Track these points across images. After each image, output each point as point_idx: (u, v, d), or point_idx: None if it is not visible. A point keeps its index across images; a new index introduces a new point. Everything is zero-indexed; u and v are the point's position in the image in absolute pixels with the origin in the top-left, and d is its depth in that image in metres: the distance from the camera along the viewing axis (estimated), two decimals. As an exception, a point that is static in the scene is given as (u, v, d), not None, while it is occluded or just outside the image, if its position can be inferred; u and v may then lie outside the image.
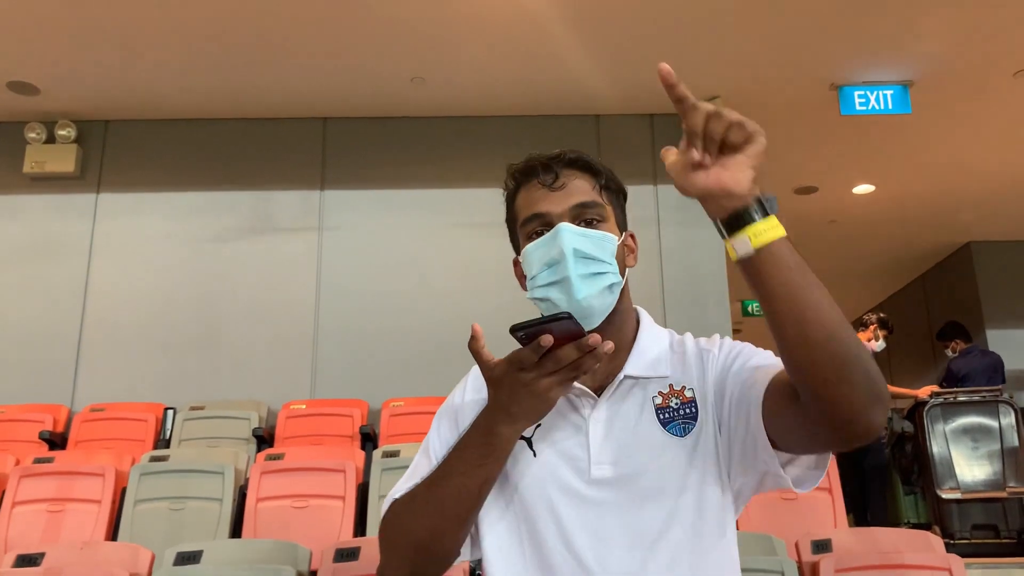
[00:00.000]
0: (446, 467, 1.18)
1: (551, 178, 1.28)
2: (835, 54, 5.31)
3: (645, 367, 1.28)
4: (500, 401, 1.11)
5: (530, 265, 1.26)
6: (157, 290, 5.73)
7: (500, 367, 1.09)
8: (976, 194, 7.29)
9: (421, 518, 1.19)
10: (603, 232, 1.26)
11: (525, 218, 1.29)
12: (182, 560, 2.84)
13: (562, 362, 1.05)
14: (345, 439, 4.82)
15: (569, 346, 1.04)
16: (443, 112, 5.93)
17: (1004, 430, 5.60)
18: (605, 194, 1.30)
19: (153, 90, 5.67)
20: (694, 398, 1.25)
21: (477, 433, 1.15)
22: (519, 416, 1.11)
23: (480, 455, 1.14)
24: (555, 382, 1.07)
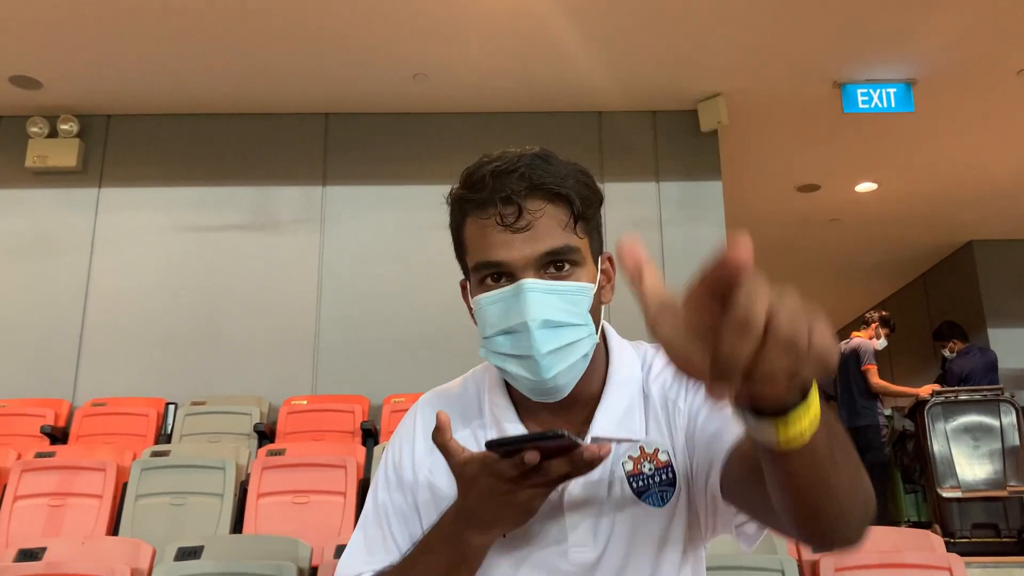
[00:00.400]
0: (410, 570, 1.02)
1: (512, 214, 0.99)
2: (838, 52, 5.30)
3: (614, 426, 1.08)
4: (470, 506, 0.94)
5: (484, 322, 1.03)
6: (159, 285, 5.73)
7: (472, 466, 0.91)
8: (979, 193, 7.28)
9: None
10: (578, 284, 1.01)
11: (478, 263, 1.03)
12: (183, 555, 2.85)
13: (550, 475, 0.89)
14: (346, 435, 4.82)
15: (560, 461, 0.89)
16: (445, 108, 5.92)
17: (1005, 429, 5.60)
18: (580, 226, 1.03)
19: (155, 85, 5.67)
20: (669, 462, 1.06)
21: (444, 540, 0.98)
22: (493, 524, 0.95)
23: (448, 564, 0.98)
24: (539, 492, 0.92)
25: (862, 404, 6.29)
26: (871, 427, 6.26)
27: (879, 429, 6.27)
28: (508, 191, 1.00)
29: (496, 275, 1.02)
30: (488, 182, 1.01)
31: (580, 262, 1.03)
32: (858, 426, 6.29)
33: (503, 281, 1.01)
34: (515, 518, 0.94)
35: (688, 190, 5.96)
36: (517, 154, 1.03)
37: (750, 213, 7.42)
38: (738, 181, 6.52)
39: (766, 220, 7.87)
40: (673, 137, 6.00)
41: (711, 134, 5.97)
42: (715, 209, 5.93)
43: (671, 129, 6.01)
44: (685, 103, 5.89)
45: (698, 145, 5.99)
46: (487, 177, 1.02)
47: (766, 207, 7.58)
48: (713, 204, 5.94)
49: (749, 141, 6.30)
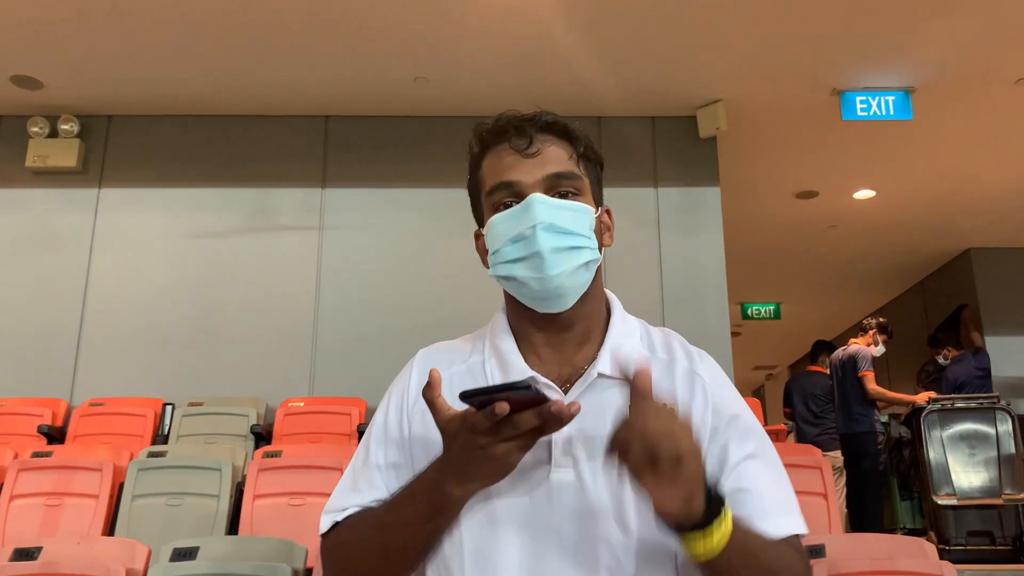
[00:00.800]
0: (395, 514, 1.06)
1: (524, 143, 1.14)
2: (837, 59, 5.32)
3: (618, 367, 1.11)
4: (452, 459, 0.99)
5: (494, 238, 1.13)
6: (158, 286, 5.74)
7: (455, 422, 0.96)
8: (976, 201, 7.30)
9: (366, 560, 1.08)
10: (579, 203, 1.13)
11: (492, 186, 1.15)
12: (178, 556, 2.85)
13: (521, 428, 0.93)
14: (343, 437, 4.83)
15: (529, 413, 0.92)
16: (445, 112, 5.93)
17: (1001, 437, 5.61)
18: (583, 164, 1.17)
19: (156, 85, 5.68)
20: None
21: (427, 489, 1.02)
22: (473, 477, 0.99)
23: (429, 511, 1.02)
24: (514, 447, 0.95)
25: (858, 411, 6.29)
26: (867, 434, 6.27)
27: (876, 436, 6.28)
28: (522, 124, 1.15)
29: (507, 201, 1.13)
30: (504, 120, 1.17)
31: (582, 191, 1.15)
32: (854, 432, 6.30)
33: (514, 204, 1.12)
34: (492, 473, 0.99)
35: (687, 196, 5.97)
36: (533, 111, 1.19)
37: (748, 219, 7.44)
38: (736, 187, 6.53)
39: (764, 226, 7.88)
40: (672, 143, 6.01)
41: (710, 140, 5.98)
42: (713, 215, 5.94)
43: (670, 135, 6.02)
44: (684, 109, 5.91)
45: (697, 151, 6.00)
46: (503, 117, 1.18)
47: (764, 213, 7.60)
48: (711, 210, 5.96)
49: (748, 147, 6.32)
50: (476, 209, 1.22)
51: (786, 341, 12.93)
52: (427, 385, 0.99)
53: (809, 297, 10.50)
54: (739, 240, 7.02)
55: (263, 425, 4.89)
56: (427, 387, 0.99)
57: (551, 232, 1.09)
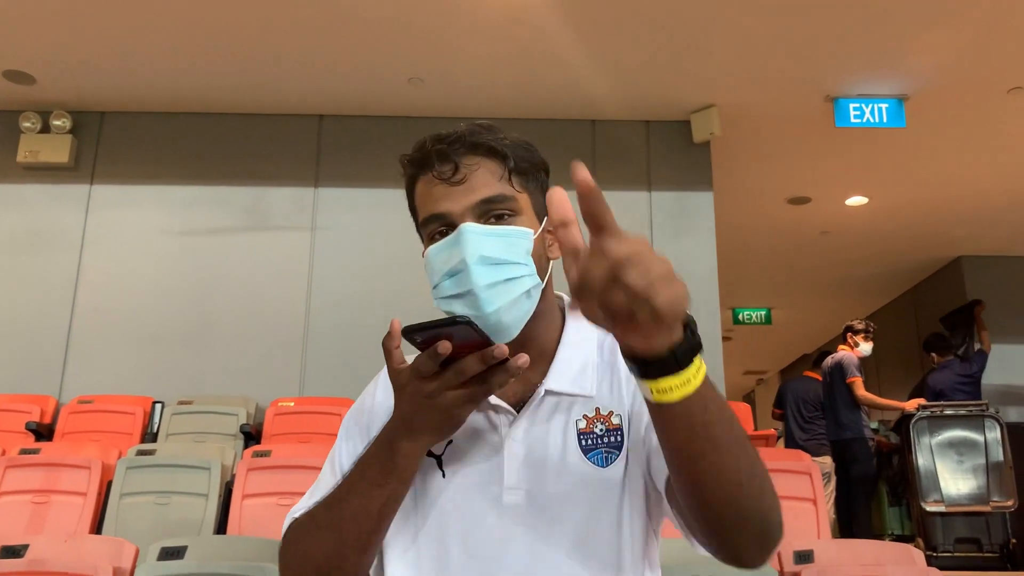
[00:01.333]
0: (346, 486, 1.04)
1: (449, 170, 1.09)
2: (831, 66, 5.33)
3: (568, 382, 1.11)
4: (402, 412, 0.99)
5: (432, 272, 1.10)
6: (148, 283, 5.72)
7: (405, 374, 0.97)
8: (968, 209, 7.33)
9: (319, 542, 1.05)
10: (515, 227, 1.08)
11: (424, 218, 1.12)
12: (166, 555, 2.83)
13: (465, 374, 0.92)
14: (333, 438, 4.78)
15: (473, 357, 0.92)
16: (440, 113, 5.93)
17: (989, 444, 5.64)
18: (516, 180, 1.11)
19: (149, 82, 5.67)
20: (620, 425, 1.09)
21: (379, 448, 1.02)
22: (421, 430, 0.98)
23: (381, 473, 1.01)
24: (461, 398, 0.95)
25: (847, 417, 6.30)
26: (857, 440, 6.27)
27: (866, 442, 6.29)
28: (445, 150, 1.10)
29: (442, 230, 1.09)
30: (428, 145, 1.12)
31: (517, 212, 1.10)
32: (843, 439, 6.31)
33: (447, 232, 1.09)
34: (440, 425, 0.98)
35: (680, 200, 5.98)
36: (461, 127, 1.13)
37: (741, 224, 7.46)
38: (729, 192, 6.54)
39: (757, 232, 7.90)
40: (666, 147, 6.02)
41: (703, 145, 5.99)
42: (706, 220, 5.95)
43: (664, 139, 6.03)
44: (678, 114, 5.92)
45: (690, 156, 6.02)
46: (428, 142, 1.13)
47: (757, 219, 7.62)
48: (704, 215, 5.97)
49: (741, 153, 6.34)
50: (418, 231, 1.18)
51: (777, 347, 12.97)
52: (387, 335, 0.99)
53: (800, 303, 10.53)
54: (731, 245, 7.03)
55: (253, 425, 4.88)
56: (387, 336, 0.99)
57: (484, 265, 1.04)
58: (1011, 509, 5.46)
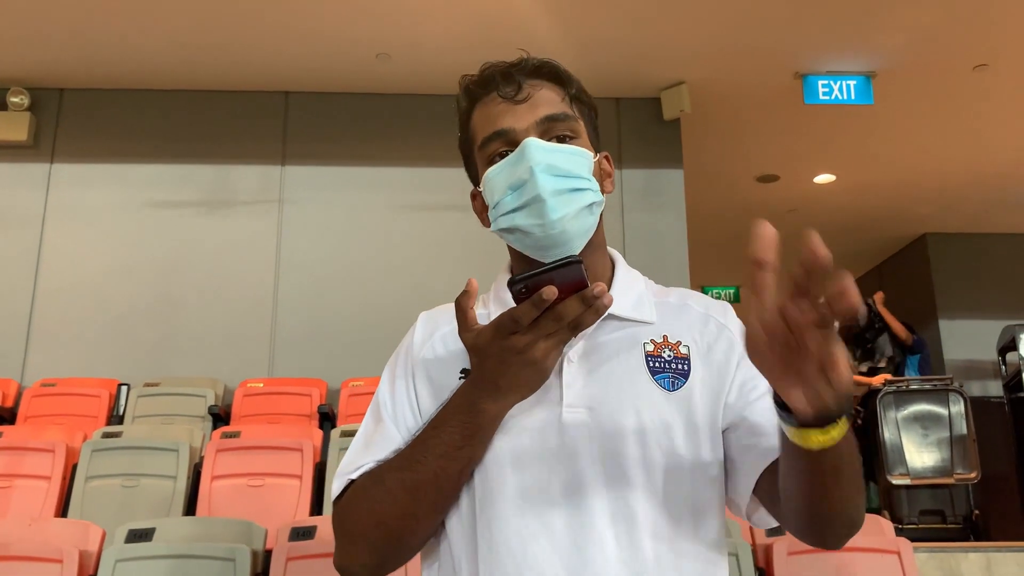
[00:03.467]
0: (421, 448, 1.00)
1: (512, 90, 1.10)
2: (800, 43, 5.34)
3: (629, 308, 1.10)
4: (486, 373, 0.95)
5: (492, 191, 1.08)
6: (112, 263, 5.61)
7: (486, 333, 0.93)
8: (934, 187, 7.41)
9: (392, 505, 1.01)
10: (577, 147, 1.08)
11: (484, 138, 1.10)
12: (134, 537, 2.79)
13: (563, 319, 0.89)
14: (303, 418, 4.78)
15: (573, 299, 0.88)
16: (408, 89, 5.87)
17: (953, 418, 5.73)
18: (576, 106, 1.12)
19: (110, 58, 5.54)
20: (689, 355, 1.08)
21: (457, 411, 0.98)
22: (509, 390, 0.95)
23: (463, 436, 0.98)
24: (552, 345, 0.91)
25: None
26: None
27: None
28: (509, 70, 1.12)
29: (502, 151, 1.08)
30: (489, 69, 1.14)
31: (577, 134, 1.10)
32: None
33: (509, 152, 1.07)
34: (531, 379, 0.95)
35: (650, 178, 5.98)
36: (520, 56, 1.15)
37: (710, 202, 7.48)
38: (699, 170, 6.56)
39: (725, 210, 7.93)
40: (636, 124, 6.01)
41: (674, 122, 5.99)
42: (676, 197, 5.96)
43: (634, 116, 6.02)
44: (648, 91, 5.90)
45: (660, 133, 6.01)
46: (490, 67, 1.14)
47: (725, 197, 7.65)
48: (674, 192, 5.98)
49: (711, 130, 6.34)
50: (470, 168, 1.17)
51: (745, 324, 13.04)
52: (464, 293, 0.95)
53: (768, 281, 10.60)
54: (700, 223, 7.05)
55: (221, 406, 4.82)
56: (463, 294, 0.95)
57: (550, 174, 1.03)
58: (974, 481, 5.57)
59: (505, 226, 1.07)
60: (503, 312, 0.91)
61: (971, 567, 3.76)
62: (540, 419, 1.02)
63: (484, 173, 1.09)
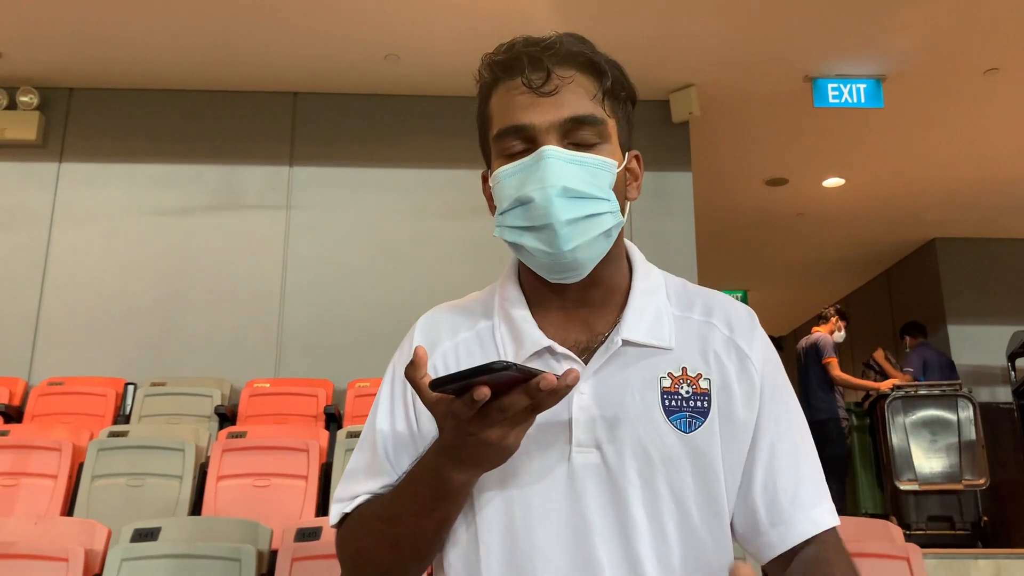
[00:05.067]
0: (400, 501, 0.97)
1: (540, 78, 0.97)
2: (810, 46, 5.32)
3: (645, 331, 1.01)
4: (447, 444, 0.89)
5: (501, 195, 0.99)
6: (120, 263, 5.62)
7: (440, 407, 0.86)
8: (943, 191, 7.37)
9: (377, 551, 1.00)
10: (601, 158, 0.98)
11: (501, 129, 0.99)
12: (139, 537, 2.79)
13: (509, 411, 0.82)
14: (309, 419, 4.77)
15: (517, 394, 0.82)
16: (417, 91, 5.86)
17: (962, 424, 5.70)
18: (609, 103, 1.01)
19: (120, 58, 5.55)
20: (708, 390, 1.00)
21: (426, 473, 0.93)
22: (473, 464, 0.89)
23: (432, 499, 0.93)
24: (508, 428, 0.84)
25: (821, 397, 6.35)
26: (830, 420, 6.33)
27: (840, 422, 6.34)
28: (538, 54, 0.98)
29: (518, 148, 0.98)
30: (518, 47, 1.00)
31: (605, 138, 0.99)
32: (818, 419, 6.37)
33: (527, 152, 0.97)
34: (491, 457, 0.88)
35: (658, 180, 5.96)
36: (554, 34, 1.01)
37: (718, 205, 7.46)
38: (707, 173, 6.54)
39: (733, 213, 7.91)
40: (645, 127, 5.99)
41: (682, 125, 5.97)
42: (685, 200, 5.94)
43: (643, 118, 5.99)
44: (658, 93, 5.89)
45: (669, 135, 5.99)
46: (518, 44, 1.00)
47: (734, 200, 7.62)
48: (683, 195, 5.96)
49: (719, 133, 6.32)
50: (484, 147, 1.06)
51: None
52: (410, 365, 0.86)
53: (776, 284, 10.58)
54: (708, 226, 7.04)
55: (227, 406, 4.82)
56: (410, 367, 0.86)
57: (565, 197, 0.94)
58: (983, 487, 5.54)
59: (510, 239, 0.99)
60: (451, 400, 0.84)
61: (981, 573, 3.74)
62: (547, 458, 0.97)
63: (496, 169, 1.00)
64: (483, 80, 1.04)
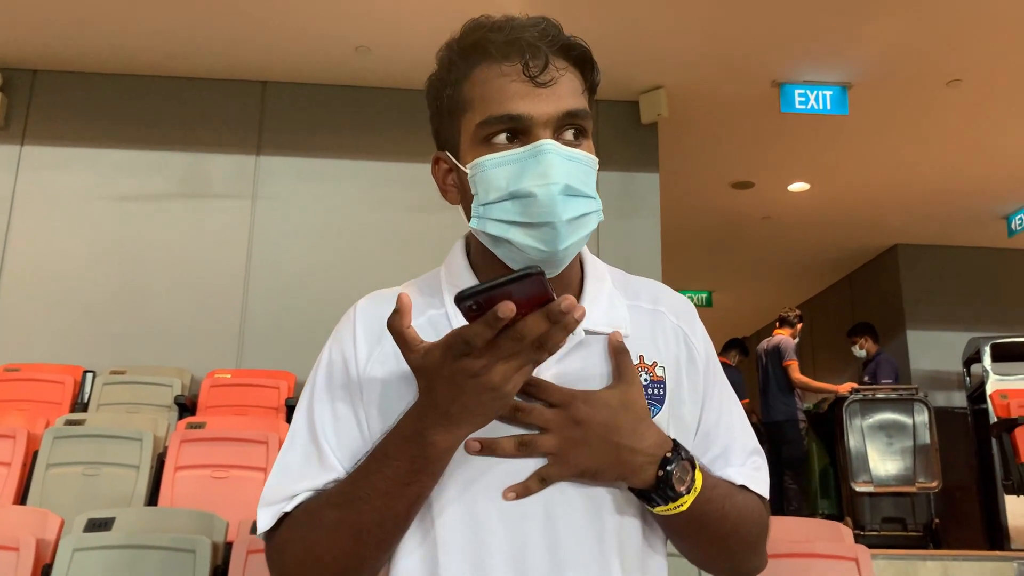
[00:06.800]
0: (364, 483, 0.89)
1: (538, 67, 0.92)
2: (779, 51, 5.38)
3: (603, 318, 1.00)
4: (436, 399, 0.83)
5: (487, 185, 0.93)
6: (81, 249, 5.54)
7: (434, 354, 0.81)
8: (905, 198, 7.49)
9: (332, 547, 0.90)
10: (589, 155, 0.95)
11: (491, 116, 0.92)
12: (93, 527, 2.76)
13: (525, 339, 0.77)
14: (271, 411, 4.75)
15: (535, 315, 0.76)
16: (387, 83, 5.84)
17: (917, 427, 5.80)
18: (589, 98, 0.99)
19: (86, 41, 5.46)
20: (664, 378, 1.00)
21: (404, 442, 0.87)
22: (462, 419, 0.83)
23: (409, 471, 0.86)
24: (514, 368, 0.79)
25: (781, 399, 6.44)
26: (789, 422, 6.42)
27: (798, 424, 6.44)
28: (536, 42, 0.93)
29: (505, 136, 0.93)
30: (515, 31, 0.93)
31: (587, 135, 0.97)
32: (775, 421, 6.46)
33: (515, 142, 0.93)
34: (488, 407, 0.83)
35: (626, 181, 6.00)
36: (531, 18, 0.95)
37: (684, 207, 7.52)
38: (674, 175, 6.59)
39: (699, 214, 7.98)
40: (614, 127, 6.02)
41: (651, 126, 6.01)
42: (651, 201, 5.98)
43: (612, 119, 6.03)
44: (627, 94, 5.92)
45: (638, 137, 6.03)
46: (507, 25, 0.94)
47: (700, 202, 7.69)
48: (650, 196, 6.00)
49: (687, 135, 6.37)
50: (443, 126, 1.01)
51: (718, 329, 13.12)
52: (395, 313, 0.81)
53: (741, 286, 10.69)
54: (674, 227, 7.09)
55: (188, 396, 4.78)
56: (395, 315, 0.81)
57: (567, 196, 0.91)
58: (935, 490, 5.65)
59: (495, 233, 0.93)
60: (453, 331, 0.79)
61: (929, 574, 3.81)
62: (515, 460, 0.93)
63: (477, 155, 0.94)
64: (458, 48, 0.98)
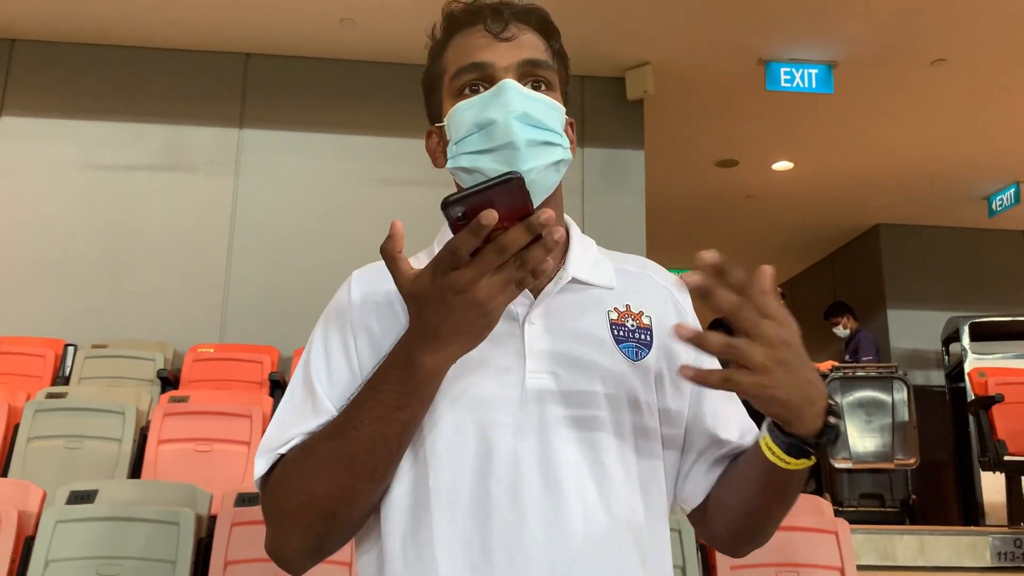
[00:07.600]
0: (355, 412, 0.91)
1: (499, 26, 1.04)
2: (765, 29, 5.38)
3: (589, 271, 1.07)
4: (425, 321, 0.86)
5: (458, 126, 1.02)
6: (61, 221, 5.49)
7: (423, 277, 0.84)
8: (888, 178, 7.53)
9: (326, 479, 0.92)
10: (552, 100, 1.04)
11: (459, 68, 1.04)
12: (75, 499, 2.75)
13: (508, 251, 0.80)
14: (254, 385, 4.74)
15: (517, 227, 0.80)
16: (372, 57, 5.79)
17: (896, 405, 5.86)
18: (556, 61, 1.09)
19: (66, 10, 5.38)
20: (650, 326, 1.06)
21: (394, 367, 0.89)
22: (451, 338, 0.86)
23: (400, 395, 0.88)
24: (499, 284, 0.82)
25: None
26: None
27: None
28: (499, 7, 1.06)
29: (475, 86, 1.03)
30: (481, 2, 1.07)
31: (553, 87, 1.07)
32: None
33: (483, 91, 1.03)
34: (475, 324, 0.85)
35: (611, 158, 5.99)
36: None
37: (669, 185, 7.52)
38: (659, 152, 6.58)
39: (684, 193, 7.99)
40: (600, 104, 6.00)
41: (637, 103, 6.00)
42: (636, 179, 5.98)
43: (598, 95, 6.01)
44: (613, 70, 5.90)
45: (624, 113, 6.02)
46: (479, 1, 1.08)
47: (684, 180, 7.69)
48: (635, 173, 5.99)
49: (673, 113, 6.37)
50: (431, 102, 1.11)
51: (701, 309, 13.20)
52: (388, 238, 0.85)
53: (724, 265, 10.72)
54: (659, 205, 7.10)
55: (170, 370, 4.76)
56: (388, 240, 0.85)
57: (525, 123, 0.99)
58: (913, 467, 5.72)
59: (466, 165, 1.01)
60: (441, 248, 0.83)
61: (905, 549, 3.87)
62: (501, 385, 0.98)
63: (452, 106, 1.04)
64: (437, 36, 1.11)
